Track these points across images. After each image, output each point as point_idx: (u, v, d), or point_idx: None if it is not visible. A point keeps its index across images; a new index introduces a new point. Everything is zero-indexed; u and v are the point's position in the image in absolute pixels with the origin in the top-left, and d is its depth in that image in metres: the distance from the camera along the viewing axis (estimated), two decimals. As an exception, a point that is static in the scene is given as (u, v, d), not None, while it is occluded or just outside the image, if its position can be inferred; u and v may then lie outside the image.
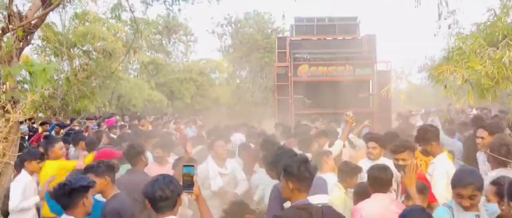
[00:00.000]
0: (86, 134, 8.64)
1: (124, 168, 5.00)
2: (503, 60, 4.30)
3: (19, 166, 5.19)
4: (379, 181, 3.69)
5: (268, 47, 29.03)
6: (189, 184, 3.06)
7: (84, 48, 18.81)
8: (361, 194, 4.03)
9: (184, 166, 3.19)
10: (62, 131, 10.94)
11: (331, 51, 14.19)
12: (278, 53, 15.03)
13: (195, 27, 46.73)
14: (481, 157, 5.00)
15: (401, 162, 4.22)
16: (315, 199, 3.46)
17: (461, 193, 3.11)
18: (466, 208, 3.11)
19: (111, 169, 3.87)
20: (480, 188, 3.13)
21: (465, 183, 3.12)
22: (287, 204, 3.25)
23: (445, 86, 4.68)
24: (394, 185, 4.45)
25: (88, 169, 3.82)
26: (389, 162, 5.22)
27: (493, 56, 4.44)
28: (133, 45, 15.93)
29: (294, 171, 3.01)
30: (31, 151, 5.48)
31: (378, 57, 14.39)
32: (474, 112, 15.37)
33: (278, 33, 31.94)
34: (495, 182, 3.31)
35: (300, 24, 15.19)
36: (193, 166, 3.15)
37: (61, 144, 5.64)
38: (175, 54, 29.53)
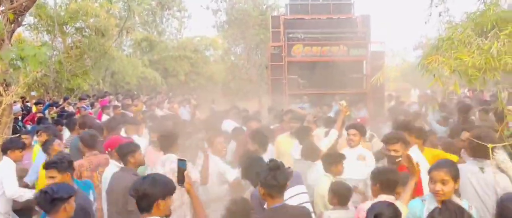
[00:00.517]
0: (78, 115, 8.64)
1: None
2: (491, 51, 4.33)
3: (3, 152, 5.24)
4: (391, 183, 3.64)
5: (263, 24, 28.82)
6: (180, 179, 3.14)
7: (76, 26, 18.64)
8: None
9: (178, 160, 3.27)
10: (54, 109, 10.93)
11: (325, 31, 14.14)
12: (272, 32, 14.96)
13: (189, 2, 46.18)
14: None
15: (393, 153, 4.26)
16: (290, 192, 3.70)
17: (434, 176, 3.19)
18: (438, 198, 3.18)
19: (72, 164, 3.99)
20: (453, 176, 3.20)
21: (438, 166, 3.23)
22: None
23: (434, 76, 4.71)
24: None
25: (51, 164, 3.86)
26: (366, 151, 5.36)
27: (482, 46, 4.47)
28: (126, 24, 15.77)
29: (261, 179, 3.20)
30: (14, 140, 5.50)
31: (372, 37, 14.40)
32: (467, 93, 15.49)
33: (273, 10, 31.70)
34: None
35: (295, 3, 15.10)
36: (184, 160, 3.21)
37: (57, 141, 5.65)
38: (169, 31, 29.30)
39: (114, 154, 4.61)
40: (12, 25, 7.21)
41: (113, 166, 4.66)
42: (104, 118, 9.47)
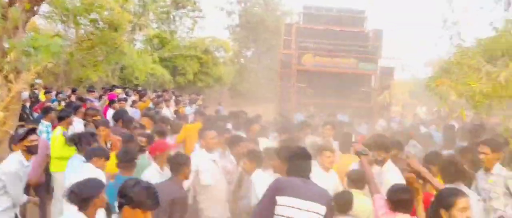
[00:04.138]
0: (85, 108, 8.68)
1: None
2: (498, 78, 4.34)
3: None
4: (403, 203, 3.53)
5: (276, 30, 28.89)
6: None
7: (90, 17, 18.75)
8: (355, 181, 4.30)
9: None
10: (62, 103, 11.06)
11: (336, 42, 14.20)
12: (284, 40, 15.04)
13: (203, 2, 46.22)
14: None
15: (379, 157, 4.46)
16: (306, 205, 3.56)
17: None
18: None
19: None
20: None
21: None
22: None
23: (440, 98, 4.73)
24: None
25: None
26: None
27: (491, 73, 4.48)
28: (140, 21, 15.88)
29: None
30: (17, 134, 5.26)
31: (383, 52, 14.43)
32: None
33: (287, 17, 31.79)
34: None
35: (309, 12, 15.17)
36: None
37: None
38: (181, 29, 29.40)
39: (160, 159, 4.63)
40: (28, 14, 7.30)
41: (155, 171, 4.62)
42: (110, 112, 9.52)
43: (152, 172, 4.58)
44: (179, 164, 4.21)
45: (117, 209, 2.94)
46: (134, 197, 2.77)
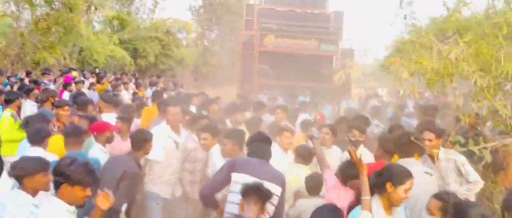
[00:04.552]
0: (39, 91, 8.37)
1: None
2: (449, 56, 4.43)
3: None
4: (353, 176, 3.56)
5: (238, 11, 28.63)
6: None
7: (46, -2, 18.03)
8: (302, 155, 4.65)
9: None
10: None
11: (298, 23, 14.20)
12: (245, 20, 14.93)
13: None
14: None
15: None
16: None
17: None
18: None
19: None
20: None
21: None
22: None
23: (394, 77, 4.80)
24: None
25: None
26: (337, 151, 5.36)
27: (442, 51, 4.57)
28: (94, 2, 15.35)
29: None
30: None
31: (344, 34, 14.56)
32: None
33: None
34: (440, 197, 3.30)
35: (271, -7, 15.10)
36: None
37: None
38: (142, 10, 28.71)
39: (101, 138, 4.64)
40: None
41: (98, 150, 4.60)
42: (66, 95, 9.22)
43: (96, 151, 4.58)
44: (139, 140, 4.29)
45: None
46: (72, 175, 2.77)
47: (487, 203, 4.76)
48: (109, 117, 6.26)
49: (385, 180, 3.02)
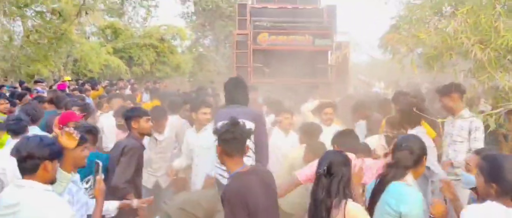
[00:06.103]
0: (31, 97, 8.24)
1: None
2: (447, 29, 4.32)
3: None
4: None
5: (232, 16, 28.55)
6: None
7: (37, 9, 17.92)
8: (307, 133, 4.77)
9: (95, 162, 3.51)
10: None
11: (291, 20, 14.09)
12: (238, 20, 14.83)
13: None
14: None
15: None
16: None
17: None
18: None
19: None
20: None
21: None
22: None
23: (393, 55, 4.70)
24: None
25: None
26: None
27: (438, 25, 4.46)
28: (85, 6, 15.23)
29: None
30: None
31: (338, 28, 14.44)
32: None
33: (241, 1, 31.39)
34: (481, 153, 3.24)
35: (262, -8, 15.00)
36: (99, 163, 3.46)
37: None
38: (136, 19, 28.63)
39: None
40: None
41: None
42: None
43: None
44: (127, 117, 4.58)
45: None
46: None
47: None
48: (106, 117, 6.76)
49: (422, 154, 3.13)
